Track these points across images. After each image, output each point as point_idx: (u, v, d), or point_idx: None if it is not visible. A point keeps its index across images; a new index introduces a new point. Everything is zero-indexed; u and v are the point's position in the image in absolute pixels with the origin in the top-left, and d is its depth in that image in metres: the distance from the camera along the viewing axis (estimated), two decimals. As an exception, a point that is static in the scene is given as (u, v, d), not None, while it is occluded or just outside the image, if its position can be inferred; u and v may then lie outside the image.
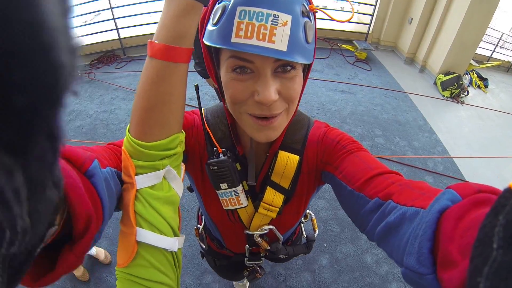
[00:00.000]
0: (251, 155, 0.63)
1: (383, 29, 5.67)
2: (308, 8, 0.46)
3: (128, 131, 0.49)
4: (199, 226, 0.99)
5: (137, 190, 0.46)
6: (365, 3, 5.51)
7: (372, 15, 5.50)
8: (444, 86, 4.74)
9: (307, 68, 0.54)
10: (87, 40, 4.69)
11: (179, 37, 0.45)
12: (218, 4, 0.46)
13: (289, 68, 0.47)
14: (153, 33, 0.47)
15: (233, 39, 0.42)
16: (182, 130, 0.53)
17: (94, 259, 2.01)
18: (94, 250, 1.97)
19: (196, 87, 0.58)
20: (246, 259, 0.89)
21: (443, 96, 4.74)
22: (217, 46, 0.45)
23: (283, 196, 0.64)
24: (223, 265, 1.06)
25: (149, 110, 0.47)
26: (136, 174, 0.46)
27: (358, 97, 4.19)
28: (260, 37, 0.41)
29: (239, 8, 0.42)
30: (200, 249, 1.10)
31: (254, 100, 0.48)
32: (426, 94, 4.65)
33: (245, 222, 0.71)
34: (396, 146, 3.36)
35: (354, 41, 5.40)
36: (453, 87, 4.67)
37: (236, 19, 0.42)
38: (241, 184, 0.62)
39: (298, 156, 0.61)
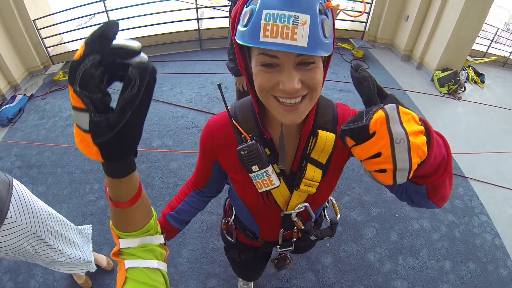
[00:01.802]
0: (281, 141, 0.69)
1: (380, 26, 5.67)
2: (325, 6, 0.51)
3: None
4: (228, 218, 1.05)
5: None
6: (362, 1, 5.51)
7: (369, 13, 5.51)
8: (441, 82, 4.76)
9: (327, 59, 0.61)
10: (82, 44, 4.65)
11: (117, 197, 0.50)
12: (246, 7, 0.52)
13: (309, 62, 0.54)
14: (150, 35, 0.50)
15: (261, 39, 0.49)
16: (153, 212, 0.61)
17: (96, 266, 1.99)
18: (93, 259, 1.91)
19: (219, 86, 0.69)
20: (278, 246, 0.97)
21: (441, 92, 4.76)
22: (248, 45, 0.52)
23: (321, 170, 0.73)
24: (247, 259, 1.12)
25: (117, 224, 0.56)
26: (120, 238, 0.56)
27: (357, 95, 4.12)
28: (284, 36, 0.48)
29: (264, 12, 0.48)
30: (224, 244, 1.18)
31: (279, 88, 0.55)
32: (423, 91, 4.66)
33: (281, 204, 0.80)
34: (395, 144, 3.37)
35: (351, 40, 5.40)
36: (450, 83, 4.69)
37: (263, 21, 0.48)
38: (270, 165, 0.68)
39: (334, 134, 0.71)
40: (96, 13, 4.70)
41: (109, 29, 0.35)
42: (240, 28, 0.54)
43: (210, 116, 3.43)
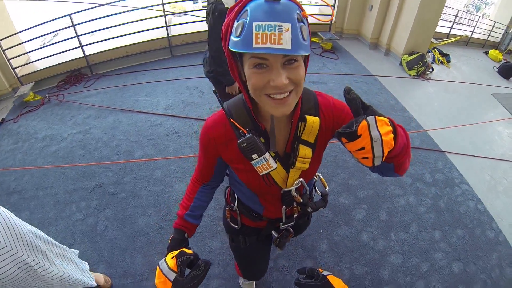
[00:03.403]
0: (272, 129, 0.82)
1: (346, 18, 5.84)
2: (301, 15, 0.63)
3: None
4: (231, 205, 1.14)
5: None
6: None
7: (334, 6, 5.66)
8: (410, 65, 4.96)
9: (306, 58, 0.72)
10: (50, 62, 4.51)
11: None
12: (237, 21, 0.63)
13: (293, 61, 0.65)
14: (120, 47, 0.54)
15: (254, 45, 0.59)
16: None
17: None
18: (94, 282, 1.85)
19: (214, 92, 0.87)
20: (281, 223, 1.08)
21: (410, 75, 4.95)
22: (243, 51, 0.62)
23: (311, 149, 0.86)
24: (252, 244, 1.22)
25: None
26: None
27: (330, 85, 4.30)
28: (272, 41, 0.59)
29: (254, 23, 0.59)
30: (228, 234, 1.27)
31: (270, 86, 0.66)
32: (393, 75, 4.84)
33: (279, 183, 0.91)
34: (374, 127, 3.48)
35: (318, 33, 5.53)
36: (418, 66, 4.90)
37: (254, 31, 0.59)
38: (267, 152, 0.80)
39: (318, 118, 0.84)
40: (62, 28, 4.55)
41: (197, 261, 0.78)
42: (233, 38, 0.64)
43: (189, 121, 3.45)
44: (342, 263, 2.11)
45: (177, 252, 0.75)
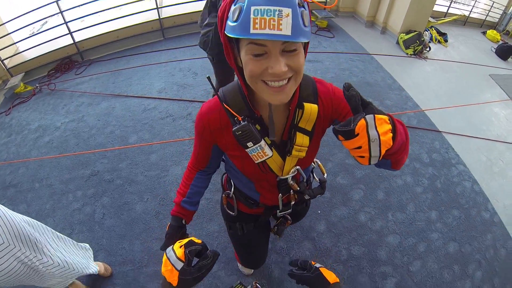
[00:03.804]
0: (270, 117, 0.80)
1: (341, -4, 5.70)
2: (302, 0, 0.60)
3: None
4: (228, 192, 1.13)
5: None
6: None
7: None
8: (407, 44, 4.88)
9: (306, 44, 0.70)
10: (39, 51, 4.39)
11: None
12: (234, 6, 0.60)
13: (293, 47, 0.62)
14: (110, 31, 0.50)
15: (252, 31, 0.57)
16: None
17: (94, 275, 1.92)
18: (96, 268, 1.85)
19: (208, 78, 0.82)
20: (278, 211, 1.07)
21: (407, 54, 4.89)
22: (240, 37, 0.59)
23: (308, 136, 0.84)
24: (249, 231, 1.21)
25: None
26: None
27: (326, 64, 4.23)
28: (271, 27, 0.56)
29: (252, 8, 0.56)
30: (225, 221, 1.26)
31: (268, 73, 0.64)
32: (390, 53, 4.77)
33: (275, 170, 0.89)
34: (370, 107, 3.46)
35: (313, 11, 5.39)
36: (415, 45, 4.82)
37: (252, 16, 0.56)
38: (263, 140, 0.78)
39: (316, 105, 0.81)
40: (50, 16, 4.40)
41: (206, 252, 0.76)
42: (230, 23, 0.61)
43: (183, 103, 3.40)
44: (340, 244, 2.13)
45: (185, 241, 0.74)
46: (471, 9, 7.56)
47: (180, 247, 0.72)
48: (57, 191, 2.57)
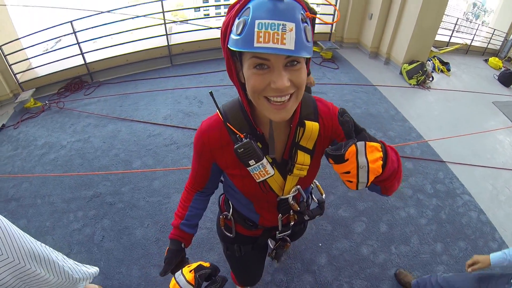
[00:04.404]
0: (271, 134, 0.79)
1: (345, 27, 5.86)
2: (305, 15, 0.61)
3: None
4: (225, 214, 1.10)
5: None
6: (326, 3, 5.68)
7: (334, 15, 5.68)
8: (410, 74, 4.95)
9: (307, 61, 0.70)
10: (51, 68, 4.52)
11: None
12: (238, 19, 0.60)
13: (295, 62, 0.62)
14: (120, 55, 0.52)
15: (255, 44, 0.57)
16: None
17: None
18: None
19: (211, 93, 0.78)
20: (277, 232, 1.06)
21: (410, 84, 4.95)
22: (243, 50, 0.59)
23: (309, 155, 0.84)
24: (247, 252, 1.18)
25: None
26: None
27: (329, 96, 4.29)
28: (275, 41, 0.56)
29: (257, 21, 0.56)
30: (222, 242, 1.23)
31: (270, 88, 0.63)
32: (393, 84, 4.83)
33: (276, 190, 0.89)
34: (373, 139, 3.46)
35: (318, 42, 5.54)
36: (418, 75, 4.89)
37: (256, 29, 0.56)
38: (265, 157, 0.78)
39: (317, 123, 0.81)
40: (63, 35, 4.57)
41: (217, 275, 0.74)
42: (233, 37, 0.61)
43: (187, 131, 3.44)
44: (341, 278, 2.08)
45: (195, 265, 0.74)
46: (473, 38, 7.72)
47: (190, 271, 0.72)
48: (58, 210, 2.57)
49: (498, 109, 4.79)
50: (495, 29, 7.97)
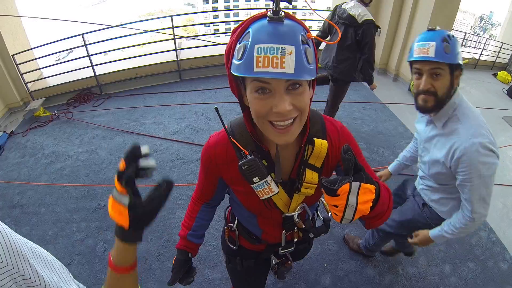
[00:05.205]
0: (277, 157, 0.79)
1: (353, 42, 5.87)
2: (306, 37, 0.60)
3: None
4: (230, 225, 1.11)
5: None
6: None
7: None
8: (418, 91, 4.91)
9: (312, 82, 0.69)
10: (62, 79, 4.62)
11: (122, 262, 0.63)
12: (239, 44, 0.60)
13: (297, 85, 0.62)
14: (130, 68, 0.52)
15: (255, 69, 0.57)
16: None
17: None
18: None
19: (216, 109, 0.78)
20: (280, 248, 1.04)
21: (418, 100, 4.90)
22: (244, 75, 0.60)
23: (317, 173, 0.82)
24: (249, 267, 1.16)
25: None
26: None
27: (338, 113, 4.23)
28: (274, 65, 0.56)
29: (256, 46, 0.56)
30: (225, 254, 1.22)
31: (273, 112, 0.63)
32: (402, 101, 4.78)
33: (281, 207, 0.88)
34: (381, 157, 3.40)
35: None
36: (427, 91, 4.85)
37: (255, 54, 0.56)
38: (269, 175, 0.76)
39: (326, 140, 0.80)
40: (74, 47, 4.69)
41: (136, 150, 0.60)
42: (235, 61, 0.62)
43: (194, 147, 3.44)
44: (346, 299, 2.02)
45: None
46: (481, 52, 7.68)
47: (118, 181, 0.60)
48: (61, 219, 2.58)
49: (508, 125, 4.70)
50: (503, 43, 7.93)
